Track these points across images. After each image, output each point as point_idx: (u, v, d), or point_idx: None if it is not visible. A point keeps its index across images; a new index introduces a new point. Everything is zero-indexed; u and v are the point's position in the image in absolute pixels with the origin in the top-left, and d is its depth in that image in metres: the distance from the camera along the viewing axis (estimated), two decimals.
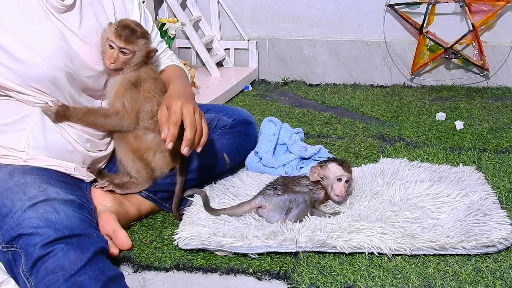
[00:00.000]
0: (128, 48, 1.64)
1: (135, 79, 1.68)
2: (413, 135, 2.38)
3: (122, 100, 1.66)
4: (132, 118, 1.68)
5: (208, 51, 3.20)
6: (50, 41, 1.52)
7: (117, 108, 1.67)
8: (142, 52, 1.67)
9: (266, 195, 1.68)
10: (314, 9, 3.20)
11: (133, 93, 1.67)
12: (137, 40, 1.65)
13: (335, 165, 1.74)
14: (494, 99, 2.85)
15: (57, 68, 1.53)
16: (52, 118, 1.57)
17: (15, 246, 1.33)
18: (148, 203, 1.75)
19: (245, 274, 1.48)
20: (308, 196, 1.69)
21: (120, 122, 1.68)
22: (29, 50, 1.49)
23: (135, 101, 1.67)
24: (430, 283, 1.41)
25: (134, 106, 1.68)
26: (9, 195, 1.41)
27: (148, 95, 1.69)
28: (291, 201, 1.65)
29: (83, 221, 1.40)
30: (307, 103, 2.88)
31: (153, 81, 1.72)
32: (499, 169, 2.02)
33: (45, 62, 1.51)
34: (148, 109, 1.70)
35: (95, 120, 1.64)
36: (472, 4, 2.90)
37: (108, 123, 1.67)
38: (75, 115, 1.60)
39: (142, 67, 1.70)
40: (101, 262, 1.31)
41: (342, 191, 1.71)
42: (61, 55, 1.54)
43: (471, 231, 1.56)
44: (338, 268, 1.47)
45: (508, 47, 2.97)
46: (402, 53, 3.12)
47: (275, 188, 1.69)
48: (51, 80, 1.53)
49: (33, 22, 1.51)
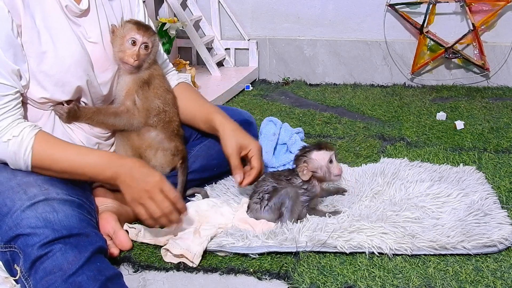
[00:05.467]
0: (150, 41, 1.65)
1: (148, 77, 1.68)
2: (413, 135, 2.38)
3: (133, 99, 1.66)
4: (143, 116, 1.68)
5: (208, 51, 3.20)
6: (74, 49, 1.54)
7: (127, 106, 1.66)
8: (157, 48, 1.69)
9: (254, 211, 1.66)
10: (315, 9, 3.20)
11: (144, 91, 1.67)
12: (155, 34, 1.68)
13: (318, 152, 1.68)
14: (494, 99, 2.84)
15: (80, 76, 1.56)
16: (64, 118, 1.58)
17: (13, 246, 1.33)
18: None
19: (246, 274, 1.47)
20: (292, 188, 1.64)
21: (130, 120, 1.67)
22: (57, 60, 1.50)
23: (146, 98, 1.68)
24: (431, 283, 1.41)
25: (145, 104, 1.68)
26: (10, 194, 1.41)
27: (157, 92, 1.70)
28: (279, 207, 1.63)
29: (82, 220, 1.40)
30: (308, 103, 2.88)
31: (161, 78, 1.73)
32: (500, 169, 2.02)
33: (71, 71, 1.53)
34: (155, 105, 1.69)
35: (105, 119, 1.64)
36: (472, 4, 2.90)
37: (117, 122, 1.66)
38: (85, 114, 1.61)
39: (152, 65, 1.71)
40: (100, 261, 1.31)
41: (340, 169, 1.68)
42: (83, 63, 1.56)
43: (472, 231, 1.56)
44: (339, 268, 1.47)
45: (509, 47, 2.97)
46: (402, 53, 3.12)
47: (261, 199, 1.65)
48: (77, 88, 1.56)
49: (56, 32, 1.51)
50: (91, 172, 1.48)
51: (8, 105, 1.43)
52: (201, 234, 1.56)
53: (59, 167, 1.46)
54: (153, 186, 1.46)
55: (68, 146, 1.51)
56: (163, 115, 1.71)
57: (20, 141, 1.43)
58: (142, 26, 1.66)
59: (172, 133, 1.74)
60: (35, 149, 1.44)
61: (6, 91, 1.43)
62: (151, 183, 1.46)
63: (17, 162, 1.45)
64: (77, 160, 1.47)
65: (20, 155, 1.44)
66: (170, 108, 1.74)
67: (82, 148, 1.56)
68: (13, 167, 1.47)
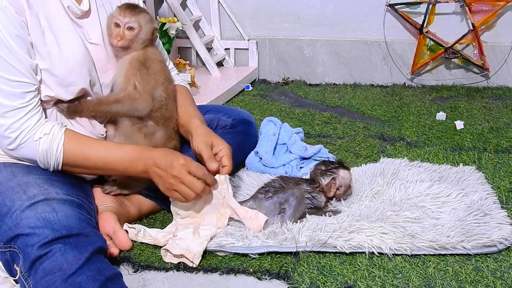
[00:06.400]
0: (133, 22, 1.61)
1: (143, 57, 1.64)
2: (413, 135, 2.38)
3: (133, 82, 1.62)
4: (146, 100, 1.64)
5: (208, 51, 3.20)
6: (77, 50, 1.54)
7: (128, 91, 1.62)
8: (147, 28, 1.64)
9: (257, 199, 1.67)
10: (315, 9, 3.20)
11: (143, 74, 1.63)
12: (141, 13, 1.64)
13: (344, 171, 1.78)
14: (494, 99, 2.84)
15: (84, 77, 1.56)
16: (65, 114, 1.57)
17: (13, 246, 1.33)
18: (149, 202, 1.75)
19: (245, 274, 1.47)
20: (299, 190, 1.68)
21: (133, 105, 1.63)
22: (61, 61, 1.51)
23: (146, 81, 1.64)
24: (430, 283, 1.41)
25: (146, 87, 1.64)
26: (10, 194, 1.41)
27: (158, 78, 1.66)
28: (282, 202, 1.64)
29: (82, 220, 1.40)
30: (307, 103, 2.88)
31: (160, 63, 1.69)
32: (499, 169, 2.02)
33: (74, 72, 1.53)
34: (158, 94, 1.66)
35: (108, 108, 1.62)
36: (472, 4, 2.90)
37: (121, 109, 1.63)
38: (87, 107, 1.59)
39: (148, 47, 1.67)
40: (99, 261, 1.31)
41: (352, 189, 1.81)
42: (86, 64, 1.56)
43: (472, 231, 1.56)
44: (338, 268, 1.47)
45: (508, 46, 2.97)
46: (402, 53, 3.12)
47: (267, 191, 1.68)
48: (80, 89, 1.56)
49: (60, 33, 1.51)
50: (123, 168, 1.53)
51: (31, 102, 1.45)
52: (201, 235, 1.56)
53: (91, 163, 1.50)
54: (179, 171, 1.50)
55: (98, 143, 1.56)
56: (164, 110, 1.68)
57: (52, 139, 1.46)
58: (127, 7, 1.62)
59: (172, 130, 1.73)
60: (66, 146, 1.47)
61: (28, 88, 1.45)
62: (177, 168, 1.50)
63: (48, 160, 1.47)
64: (109, 156, 1.52)
65: (52, 153, 1.46)
66: (171, 101, 1.71)
67: (111, 144, 1.59)
68: (42, 165, 1.49)
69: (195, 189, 1.51)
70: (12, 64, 1.42)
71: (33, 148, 1.46)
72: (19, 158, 1.50)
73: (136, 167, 1.53)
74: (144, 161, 1.52)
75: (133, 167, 1.53)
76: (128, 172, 1.55)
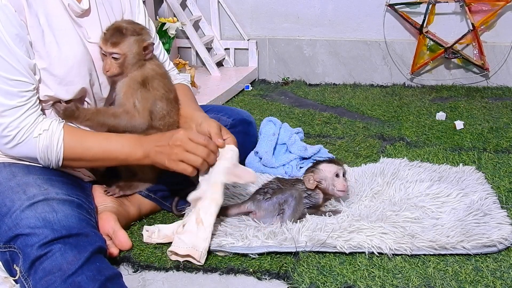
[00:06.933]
0: (116, 51, 1.58)
1: (141, 78, 1.63)
2: (413, 135, 2.38)
3: (132, 101, 1.62)
4: (145, 117, 1.63)
5: (208, 51, 3.20)
6: (76, 49, 1.54)
7: (127, 108, 1.62)
8: (135, 50, 1.60)
9: (256, 201, 1.66)
10: (314, 9, 3.20)
11: (143, 92, 1.63)
12: (124, 39, 1.58)
13: (327, 164, 1.73)
14: (494, 99, 2.84)
15: (83, 76, 1.56)
16: (61, 115, 1.57)
17: (13, 246, 1.33)
18: (148, 202, 1.75)
19: (245, 274, 1.47)
20: (296, 190, 1.66)
21: (130, 121, 1.62)
22: (60, 60, 1.51)
23: (146, 99, 1.63)
24: (430, 283, 1.41)
25: (146, 105, 1.63)
26: (10, 194, 1.41)
27: (157, 93, 1.65)
28: (281, 203, 1.64)
29: (81, 220, 1.40)
30: (307, 103, 2.88)
31: (161, 78, 1.67)
32: (499, 169, 2.02)
33: (74, 72, 1.53)
34: (159, 108, 1.66)
35: (105, 120, 1.61)
36: (472, 4, 2.90)
37: (118, 123, 1.62)
38: (84, 115, 1.58)
39: (145, 64, 1.65)
40: (99, 261, 1.31)
41: (344, 185, 1.71)
42: (86, 63, 1.56)
43: (471, 231, 1.56)
44: (338, 268, 1.47)
45: (508, 46, 2.97)
46: (402, 53, 3.12)
47: (266, 192, 1.67)
48: (80, 89, 1.56)
49: (60, 32, 1.51)
50: (123, 155, 1.54)
51: (30, 101, 1.46)
52: (204, 223, 1.53)
53: (91, 155, 1.52)
54: (181, 139, 1.52)
55: (95, 134, 1.57)
56: (168, 118, 1.68)
57: (51, 134, 1.47)
58: (111, 35, 1.58)
59: None
60: (66, 140, 1.48)
61: (27, 87, 1.45)
62: (179, 138, 1.53)
63: (49, 156, 1.48)
64: (108, 145, 1.53)
65: (52, 148, 1.47)
66: (173, 107, 1.71)
67: (109, 134, 1.59)
68: (43, 162, 1.50)
69: (200, 153, 1.53)
70: (10, 63, 1.42)
71: (33, 145, 1.46)
72: (18, 158, 1.50)
73: (136, 152, 1.54)
74: (144, 146, 1.54)
75: (134, 153, 1.54)
76: (129, 159, 1.56)
